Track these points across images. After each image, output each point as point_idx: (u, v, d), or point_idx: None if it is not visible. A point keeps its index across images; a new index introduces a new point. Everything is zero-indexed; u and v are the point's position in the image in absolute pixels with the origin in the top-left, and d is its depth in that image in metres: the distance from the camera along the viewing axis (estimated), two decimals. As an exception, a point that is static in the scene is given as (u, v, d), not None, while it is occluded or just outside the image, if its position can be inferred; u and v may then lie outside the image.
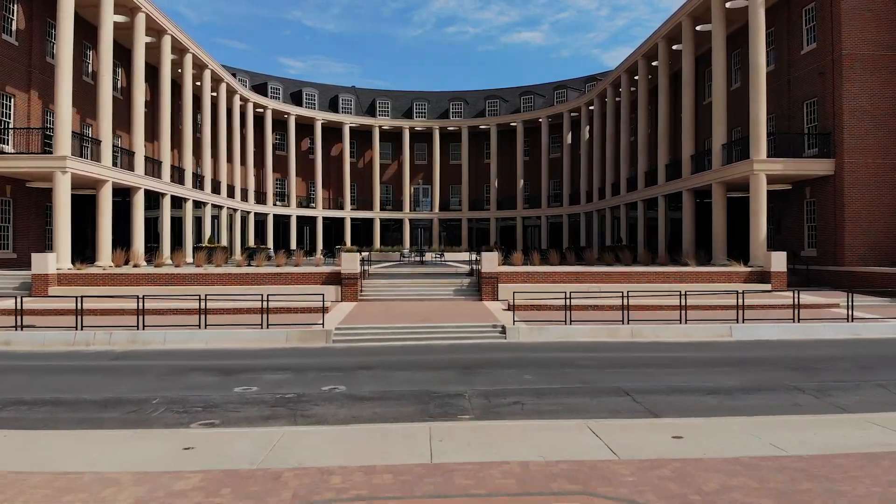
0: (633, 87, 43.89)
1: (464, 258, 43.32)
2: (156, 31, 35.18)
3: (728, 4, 30.30)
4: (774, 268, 24.96)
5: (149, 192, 33.69)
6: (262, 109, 53.21)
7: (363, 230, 61.32)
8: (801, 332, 17.93)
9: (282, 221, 56.08)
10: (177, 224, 38.11)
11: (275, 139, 57.98)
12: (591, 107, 51.19)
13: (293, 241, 55.90)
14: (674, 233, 36.35)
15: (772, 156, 28.08)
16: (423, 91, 65.97)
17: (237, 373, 12.91)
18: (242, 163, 51.49)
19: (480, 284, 24.23)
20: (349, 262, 23.73)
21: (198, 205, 40.92)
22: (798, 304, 18.80)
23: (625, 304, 18.43)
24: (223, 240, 44.43)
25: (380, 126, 60.82)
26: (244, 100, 49.92)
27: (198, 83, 42.61)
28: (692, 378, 12.24)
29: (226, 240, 44.81)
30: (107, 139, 29.18)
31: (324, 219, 58.77)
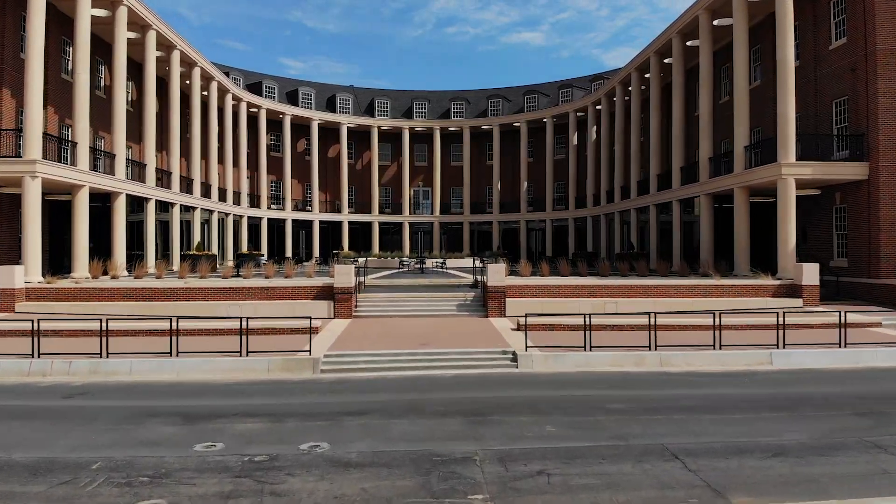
0: (644, 86, 41.87)
1: (467, 265, 41.30)
2: (140, 27, 33.16)
3: (750, -4, 28.30)
4: (806, 281, 22.93)
5: (132, 197, 31.68)
6: (256, 109, 51.20)
7: (361, 234, 59.31)
8: (850, 360, 15.92)
9: (277, 225, 54.06)
10: (165, 229, 36.10)
11: (270, 140, 55.97)
12: (599, 106, 49.15)
13: (288, 246, 53.89)
14: (688, 238, 34.33)
15: (798, 158, 26.06)
16: (424, 90, 63.96)
17: (203, 419, 10.90)
18: (235, 165, 49.45)
19: (486, 299, 22.22)
20: (343, 276, 21.71)
21: (187, 209, 38.92)
22: (844, 324, 16.78)
23: (651, 324, 16.41)
24: (214, 245, 42.42)
25: (379, 126, 58.82)
26: (237, 99, 47.90)
27: (187, 82, 40.60)
28: (745, 429, 10.22)
29: (217, 245, 42.80)
30: (83, 141, 27.16)
31: (320, 222, 56.75)
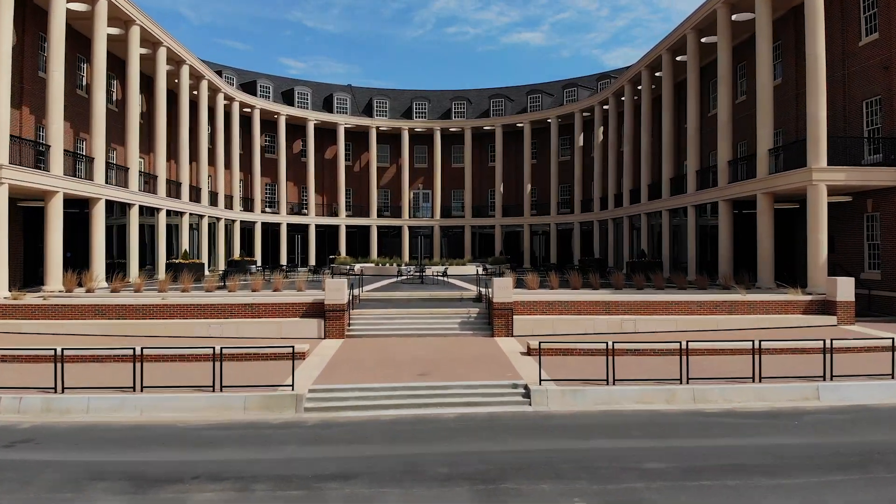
0: (654, 85, 39.94)
1: (469, 273, 39.40)
2: (122, 22, 31.28)
3: (773, -12, 26.40)
4: (840, 297, 21.00)
5: (113, 203, 29.78)
6: (250, 109, 49.25)
7: (359, 238, 57.39)
8: (908, 394, 13.99)
9: (271, 230, 52.12)
10: (152, 234, 34.19)
11: (264, 141, 54.04)
12: (606, 106, 47.21)
13: (283, 251, 51.97)
14: (703, 245, 32.41)
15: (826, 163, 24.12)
16: (424, 90, 62.02)
17: (157, 486, 8.99)
18: (227, 167, 47.53)
19: (492, 316, 20.30)
20: (334, 292, 19.79)
21: (175, 214, 37.01)
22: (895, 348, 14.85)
23: (682, 349, 14.48)
24: (204, 252, 40.51)
25: (377, 127, 56.88)
26: (229, 99, 45.98)
27: (175, 81, 38.69)
28: (816, 499, 8.32)
29: (207, 252, 40.89)
30: (57, 143, 25.25)
31: (317, 226, 54.83)
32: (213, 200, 43.66)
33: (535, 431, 11.66)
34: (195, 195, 40.22)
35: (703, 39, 32.98)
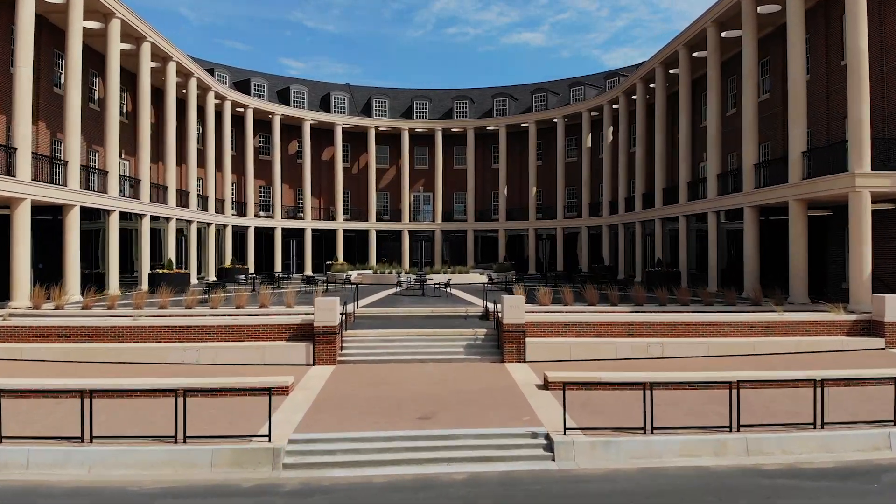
0: (669, 83, 37.79)
1: (473, 281, 37.30)
2: (102, 15, 29.17)
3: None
4: (889, 317, 18.85)
5: (89, 210, 27.66)
6: (243, 109, 47.11)
7: (357, 243, 55.23)
8: None
9: (265, 234, 49.98)
10: (135, 241, 32.08)
11: (258, 142, 51.93)
12: (616, 105, 45.03)
13: (278, 257, 49.82)
14: (724, 252, 30.24)
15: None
16: (424, 89, 59.87)
17: None
18: (219, 169, 45.43)
19: (501, 339, 18.17)
20: (325, 313, 17.64)
21: (160, 219, 34.89)
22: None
23: (730, 384, 12.34)
24: (192, 259, 38.38)
25: (376, 127, 54.73)
26: (220, 97, 43.85)
27: (163, 78, 36.56)
28: None
29: (195, 259, 38.75)
30: (25, 146, 23.12)
31: (313, 231, 52.68)
32: (203, 204, 41.56)
33: (563, 501, 9.51)
34: (183, 199, 38.11)
35: (724, 34, 30.85)
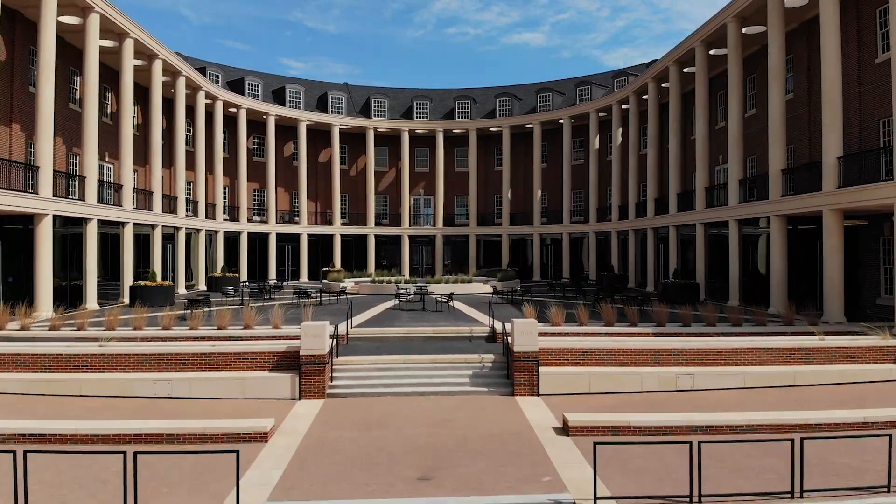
0: (683, 81, 35.76)
1: (477, 292, 35.33)
2: (80, 10, 27.18)
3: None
4: (946, 342, 16.88)
5: (64, 219, 25.68)
6: (235, 109, 45.12)
7: (355, 248, 53.24)
8: None
9: (259, 240, 48.01)
10: (117, 248, 30.09)
11: (252, 144, 49.95)
12: (626, 105, 43.02)
13: (272, 263, 47.84)
14: (746, 262, 28.23)
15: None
16: (425, 88, 57.87)
17: None
18: (210, 172, 43.48)
19: (512, 369, 16.17)
20: (313, 339, 15.62)
21: (146, 226, 32.90)
22: None
23: (787, 424, 10.33)
24: (180, 268, 36.39)
25: (375, 128, 52.73)
26: (211, 97, 41.87)
27: (151, 77, 34.58)
28: None
29: (182, 268, 36.75)
30: (-13, 149, 21.15)
31: (309, 236, 50.70)
32: (193, 210, 39.59)
33: None
34: (171, 205, 36.13)
35: (746, 29, 28.85)
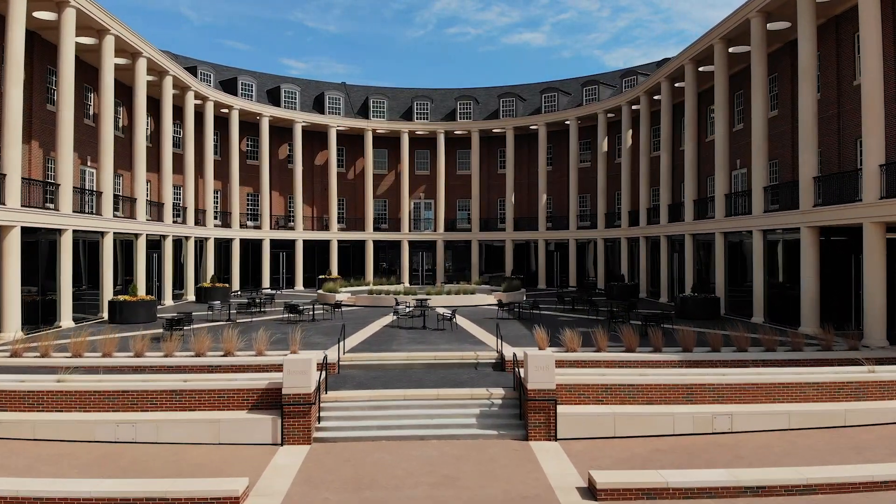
0: (699, 81, 33.79)
1: (480, 304, 33.40)
2: (55, 4, 25.25)
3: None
4: None
5: (35, 230, 23.74)
6: (227, 110, 43.18)
7: (353, 254, 51.30)
8: None
9: (252, 246, 46.06)
10: (96, 258, 28.16)
11: (245, 146, 48.01)
12: (636, 106, 41.05)
13: (266, 271, 45.88)
14: (773, 276, 26.28)
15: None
16: (425, 88, 55.89)
17: None
18: (200, 176, 41.54)
19: (524, 408, 14.22)
20: (297, 376, 13.65)
21: (130, 234, 30.96)
22: None
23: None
24: (166, 279, 34.43)
25: (373, 129, 50.78)
26: (201, 97, 39.93)
27: (135, 77, 32.63)
28: None
29: (170, 277, 34.80)
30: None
31: (305, 242, 48.74)
32: (182, 216, 37.65)
33: None
34: (158, 212, 34.19)
35: (769, 26, 26.89)
